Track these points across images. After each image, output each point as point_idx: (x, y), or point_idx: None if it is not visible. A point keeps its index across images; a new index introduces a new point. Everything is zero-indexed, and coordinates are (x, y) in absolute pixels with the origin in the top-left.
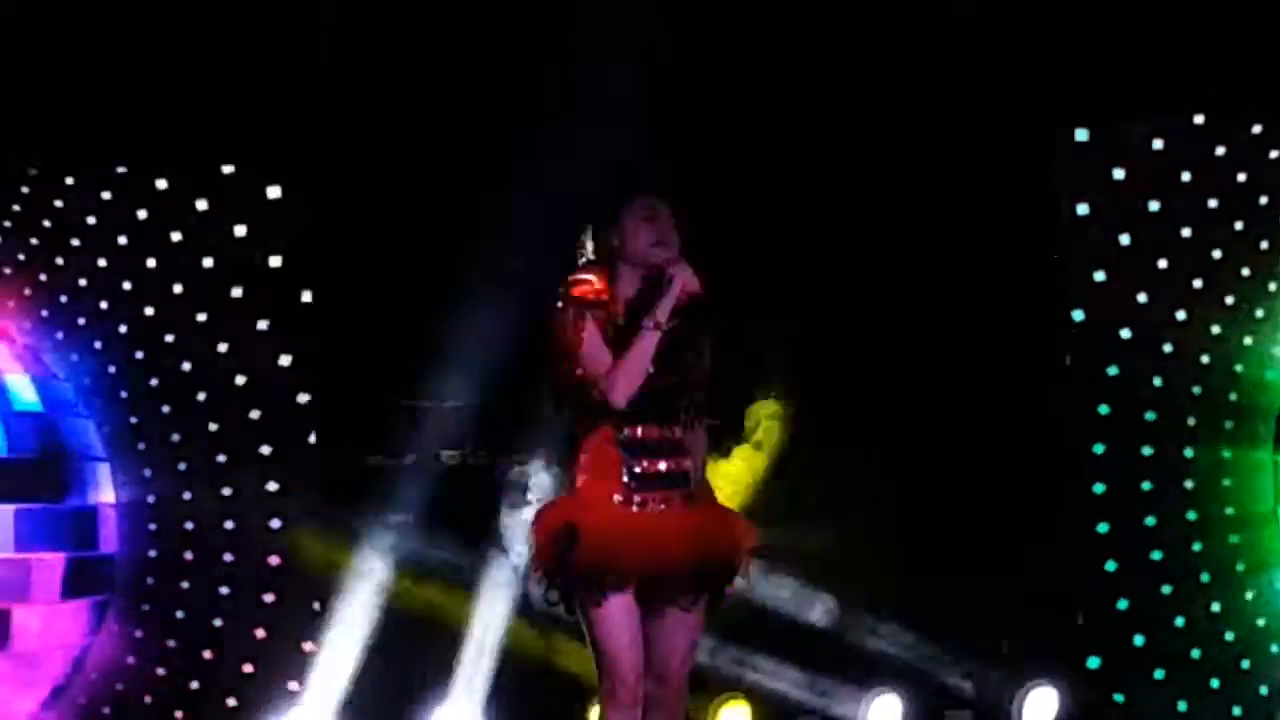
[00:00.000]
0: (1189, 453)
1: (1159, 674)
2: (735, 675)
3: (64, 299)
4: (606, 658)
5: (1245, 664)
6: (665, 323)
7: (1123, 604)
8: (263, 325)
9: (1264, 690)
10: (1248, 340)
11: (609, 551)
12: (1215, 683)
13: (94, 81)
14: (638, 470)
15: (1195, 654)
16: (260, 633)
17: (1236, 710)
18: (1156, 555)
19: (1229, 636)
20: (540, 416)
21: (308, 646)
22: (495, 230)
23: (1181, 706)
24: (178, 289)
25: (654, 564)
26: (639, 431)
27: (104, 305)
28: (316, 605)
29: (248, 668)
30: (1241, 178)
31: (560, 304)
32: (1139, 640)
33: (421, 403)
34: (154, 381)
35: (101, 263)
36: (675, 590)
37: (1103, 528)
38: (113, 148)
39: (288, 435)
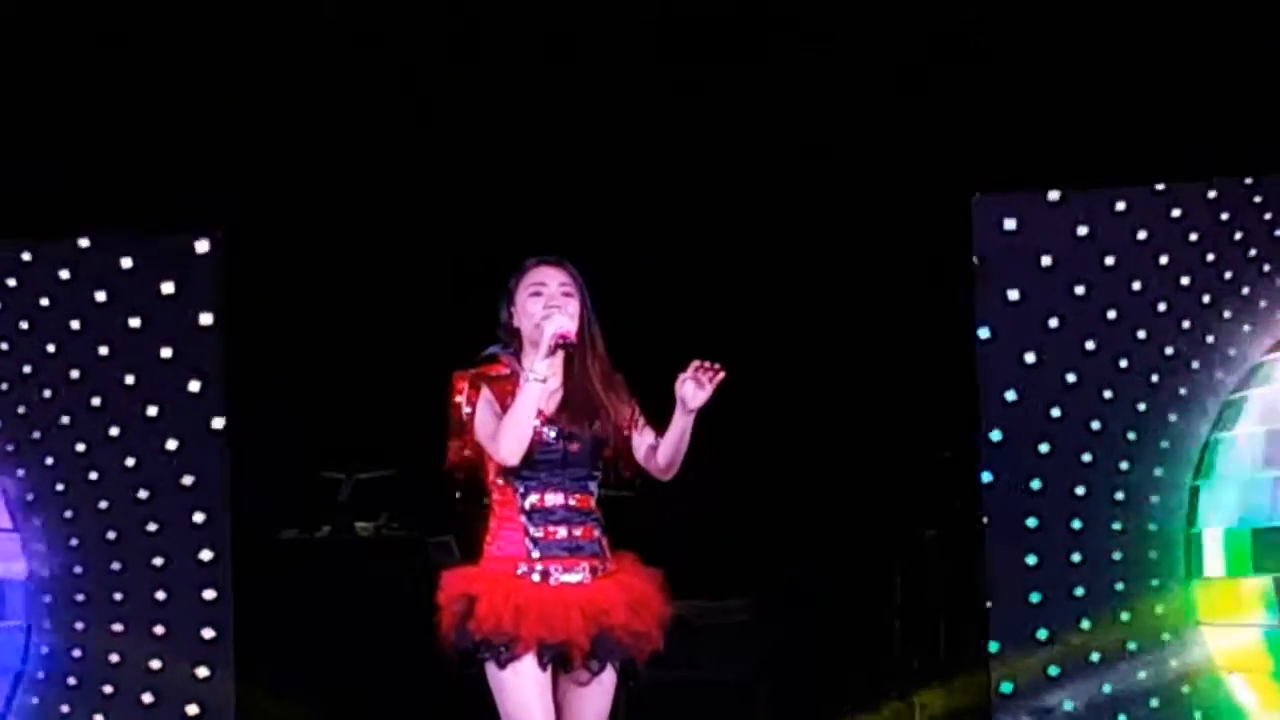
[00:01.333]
0: (1116, 525)
1: None
2: None
3: None
4: None
5: None
6: (542, 375)
7: (1053, 670)
8: (194, 387)
9: None
10: (1172, 417)
11: (502, 622)
12: None
13: (12, 141)
14: (540, 538)
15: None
16: (192, 709)
17: None
18: (1085, 625)
19: (1154, 703)
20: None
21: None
22: (416, 297)
23: None
24: (103, 351)
25: (549, 634)
26: (544, 499)
27: (26, 369)
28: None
29: None
30: (1164, 260)
31: (456, 381)
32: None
33: (336, 474)
34: (80, 447)
35: (23, 325)
36: (575, 661)
37: (1035, 597)
38: (32, 207)
39: (216, 502)
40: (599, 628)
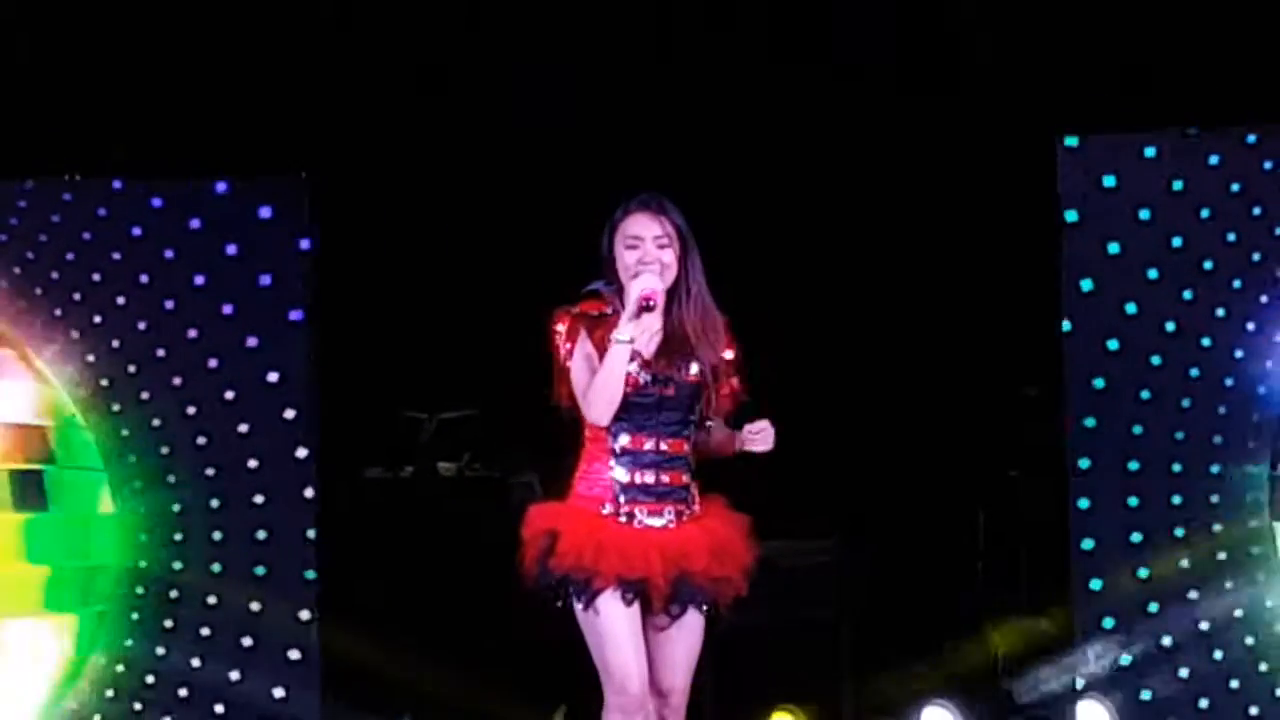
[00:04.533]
0: (1177, 467)
1: (1145, 695)
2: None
3: (58, 313)
4: (604, 664)
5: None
6: (630, 336)
7: (1108, 623)
8: (252, 342)
9: (1254, 711)
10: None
11: (582, 558)
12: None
13: (91, 97)
14: (626, 481)
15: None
16: (247, 640)
17: None
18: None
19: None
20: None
21: (293, 654)
22: (492, 238)
23: None
24: (169, 305)
25: (628, 570)
26: (632, 443)
27: (97, 320)
28: (304, 615)
29: (234, 674)
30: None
31: (558, 318)
32: (1125, 660)
33: (419, 414)
34: (145, 395)
35: (96, 277)
36: (655, 602)
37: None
38: (109, 164)
39: (275, 449)
40: (678, 570)
